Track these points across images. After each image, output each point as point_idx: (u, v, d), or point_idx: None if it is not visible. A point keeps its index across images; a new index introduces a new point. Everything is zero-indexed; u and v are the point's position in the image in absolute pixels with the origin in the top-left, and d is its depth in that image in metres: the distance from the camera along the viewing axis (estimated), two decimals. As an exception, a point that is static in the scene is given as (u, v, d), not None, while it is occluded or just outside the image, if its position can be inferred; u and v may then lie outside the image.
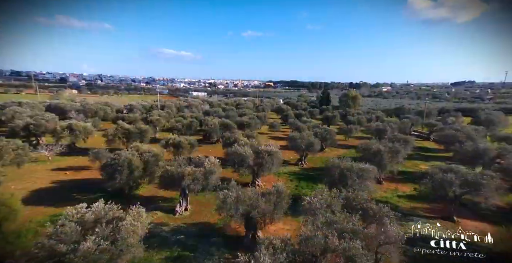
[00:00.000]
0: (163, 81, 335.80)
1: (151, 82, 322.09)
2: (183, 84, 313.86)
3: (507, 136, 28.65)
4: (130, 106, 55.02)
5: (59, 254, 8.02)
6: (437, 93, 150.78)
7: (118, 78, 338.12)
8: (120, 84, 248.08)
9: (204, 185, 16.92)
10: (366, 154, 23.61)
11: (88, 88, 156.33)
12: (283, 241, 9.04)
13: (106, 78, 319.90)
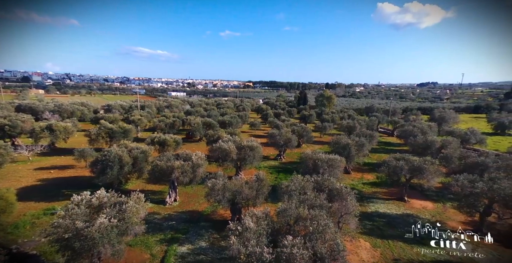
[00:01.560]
0: (138, 81, 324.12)
1: (126, 82, 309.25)
2: (160, 84, 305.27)
3: (452, 131, 33.66)
4: (108, 107, 54.02)
5: (76, 229, 9.37)
6: (403, 93, 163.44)
7: (88, 77, 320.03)
8: (92, 84, 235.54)
9: (192, 177, 18.58)
10: (337, 148, 26.58)
11: (56, 88, 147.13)
12: (264, 213, 11.14)
13: (75, 78, 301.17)
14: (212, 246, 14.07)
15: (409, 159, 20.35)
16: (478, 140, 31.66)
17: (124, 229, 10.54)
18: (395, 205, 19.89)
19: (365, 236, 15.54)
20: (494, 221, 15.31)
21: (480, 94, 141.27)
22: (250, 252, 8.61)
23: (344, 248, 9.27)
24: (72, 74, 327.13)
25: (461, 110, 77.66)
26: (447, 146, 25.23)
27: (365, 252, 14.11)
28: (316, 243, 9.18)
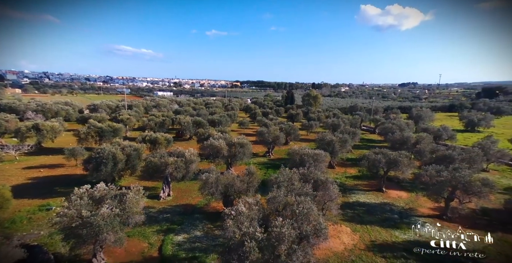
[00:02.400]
0: (122, 80, 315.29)
1: (109, 81, 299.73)
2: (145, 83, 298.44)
3: (426, 128, 36.47)
4: (94, 106, 53.09)
5: (82, 218, 10.09)
6: (386, 93, 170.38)
7: (69, 76, 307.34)
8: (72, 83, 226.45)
9: (185, 173, 19.41)
10: (322, 144, 28.23)
11: (34, 87, 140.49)
12: (255, 200, 12.28)
13: (54, 77, 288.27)
14: (207, 235, 15.06)
15: (386, 153, 22.26)
16: (449, 136, 34.53)
17: (126, 218, 11.36)
18: (374, 195, 21.70)
19: (347, 223, 17.10)
20: (456, 205, 17.35)
21: (455, 94, 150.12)
22: (244, 232, 9.73)
23: (326, 227, 10.60)
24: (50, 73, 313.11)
25: (438, 109, 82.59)
26: (421, 141, 27.55)
27: (346, 236, 15.64)
28: (302, 224, 10.45)
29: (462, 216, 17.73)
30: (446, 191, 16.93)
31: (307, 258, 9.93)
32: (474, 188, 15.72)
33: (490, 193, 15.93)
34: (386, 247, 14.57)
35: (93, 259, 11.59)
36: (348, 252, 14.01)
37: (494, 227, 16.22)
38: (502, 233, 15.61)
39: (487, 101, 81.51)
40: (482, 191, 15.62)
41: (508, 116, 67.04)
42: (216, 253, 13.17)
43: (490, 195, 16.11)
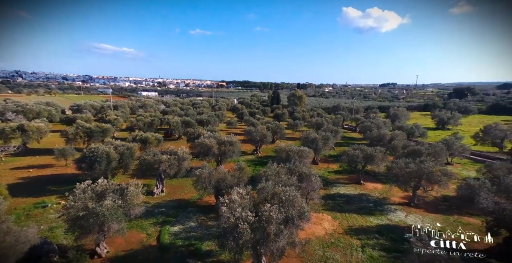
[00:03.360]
0: (103, 80, 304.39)
1: (89, 80, 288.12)
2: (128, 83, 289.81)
3: (401, 126, 39.68)
4: (78, 107, 51.97)
5: (88, 209, 11.00)
6: (367, 93, 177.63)
7: (44, 75, 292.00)
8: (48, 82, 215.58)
9: (177, 170, 20.43)
10: (306, 142, 30.15)
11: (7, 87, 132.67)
12: (246, 191, 13.67)
13: (27, 76, 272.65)
14: (201, 225, 16.28)
15: (364, 149, 24.47)
16: (421, 133, 37.81)
17: (128, 209, 12.36)
18: (353, 187, 23.82)
19: (328, 211, 18.94)
20: (421, 194, 19.76)
21: (430, 94, 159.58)
22: (238, 216, 11.10)
23: (309, 210, 12.23)
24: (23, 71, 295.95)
25: (414, 109, 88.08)
26: (395, 138, 30.21)
27: (327, 222, 17.45)
28: (288, 208, 11.99)
29: (426, 203, 20.25)
30: (413, 181, 19.24)
31: (292, 237, 11.51)
32: (435, 177, 18.08)
33: (448, 181, 18.36)
34: (361, 230, 16.52)
35: (96, 248, 12.48)
36: (329, 236, 15.80)
37: (452, 211, 18.75)
38: (457, 215, 18.13)
39: (457, 101, 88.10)
40: (442, 179, 18.01)
41: (474, 115, 72.97)
42: (211, 240, 14.46)
43: (448, 183, 18.56)
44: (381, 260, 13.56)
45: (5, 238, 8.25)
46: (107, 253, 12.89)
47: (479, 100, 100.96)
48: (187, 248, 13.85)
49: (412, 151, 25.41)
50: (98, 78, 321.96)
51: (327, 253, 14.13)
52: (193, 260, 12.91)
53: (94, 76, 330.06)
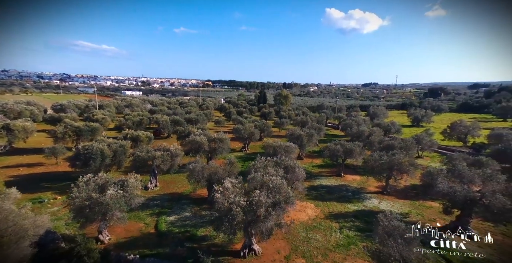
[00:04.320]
0: (82, 79, 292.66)
1: (67, 79, 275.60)
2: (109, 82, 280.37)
3: (379, 123, 42.76)
4: (61, 106, 50.83)
5: (92, 198, 12.01)
6: (350, 93, 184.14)
7: (16, 73, 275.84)
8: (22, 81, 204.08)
9: (170, 165, 21.51)
10: (292, 138, 32.05)
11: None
12: (237, 180, 15.14)
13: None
14: (195, 215, 17.57)
15: (344, 144, 26.69)
16: (396, 130, 40.98)
17: (129, 199, 13.45)
18: (334, 179, 25.94)
19: (311, 200, 20.84)
20: (393, 183, 22.18)
21: (408, 94, 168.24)
22: (231, 201, 12.57)
23: (293, 196, 13.93)
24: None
25: (392, 107, 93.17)
26: (372, 134, 32.84)
27: (310, 210, 19.31)
28: (275, 194, 13.61)
29: (397, 191, 22.72)
30: (385, 171, 21.58)
31: (279, 219, 13.15)
32: (404, 168, 20.50)
33: (415, 171, 20.86)
34: (340, 215, 18.52)
35: (99, 235, 13.47)
36: (311, 221, 17.65)
37: (418, 197, 21.26)
38: (422, 200, 20.65)
39: (431, 100, 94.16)
40: (409, 169, 20.47)
41: (446, 113, 78.66)
42: (205, 227, 15.83)
43: (415, 172, 21.07)
44: (356, 238, 15.56)
45: (24, 222, 9.17)
46: (109, 240, 13.91)
47: (451, 99, 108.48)
48: (184, 234, 15.14)
49: (387, 145, 27.99)
50: (77, 76, 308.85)
51: (309, 234, 15.94)
52: (190, 244, 14.22)
53: (73, 75, 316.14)
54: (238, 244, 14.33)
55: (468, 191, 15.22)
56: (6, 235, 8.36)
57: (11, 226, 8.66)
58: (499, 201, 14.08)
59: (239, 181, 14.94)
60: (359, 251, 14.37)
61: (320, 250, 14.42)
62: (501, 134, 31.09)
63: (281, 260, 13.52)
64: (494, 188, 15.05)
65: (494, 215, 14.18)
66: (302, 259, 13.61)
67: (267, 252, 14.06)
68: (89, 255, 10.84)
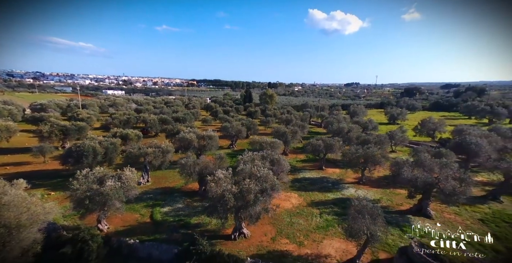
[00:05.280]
0: (58, 77, 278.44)
1: (40, 78, 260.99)
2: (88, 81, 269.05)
3: (358, 120, 45.86)
4: (41, 106, 49.32)
5: (93, 190, 12.95)
6: (333, 92, 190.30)
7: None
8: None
9: (162, 161, 22.48)
10: (277, 135, 33.86)
11: None
12: (228, 172, 16.57)
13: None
14: (188, 206, 18.80)
15: (325, 139, 28.88)
16: (373, 127, 44.13)
17: (126, 190, 14.48)
18: (316, 172, 28.03)
19: (295, 191, 22.70)
20: (367, 174, 24.61)
21: (387, 93, 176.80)
22: (224, 189, 14.01)
23: (279, 183, 15.60)
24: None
25: (372, 106, 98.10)
26: (351, 131, 35.46)
27: (294, 199, 21.15)
28: (262, 182, 15.21)
29: (371, 181, 25.18)
30: (360, 163, 23.91)
31: (266, 204, 14.78)
32: (376, 159, 22.92)
33: (386, 162, 23.35)
34: (320, 203, 20.51)
35: (98, 225, 14.38)
36: (295, 208, 19.47)
37: (389, 186, 23.77)
38: (392, 188, 23.18)
39: (407, 99, 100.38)
40: (381, 161, 22.92)
41: (420, 111, 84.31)
42: (198, 216, 17.13)
43: (387, 164, 23.55)
44: (333, 221, 17.55)
45: (36, 208, 10.01)
46: (108, 229, 14.85)
47: (425, 98, 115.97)
48: (178, 223, 16.36)
49: (363, 140, 30.56)
50: (52, 75, 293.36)
51: (293, 219, 17.74)
52: (185, 230, 15.49)
53: (47, 73, 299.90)
54: (229, 229, 15.80)
55: (427, 177, 17.70)
56: (20, 220, 9.23)
57: (25, 211, 9.53)
58: (451, 185, 16.64)
59: (229, 173, 16.40)
60: (336, 231, 16.36)
61: (302, 232, 16.24)
62: (462, 129, 34.83)
63: (268, 241, 15.17)
64: (447, 174, 17.62)
65: (447, 197, 16.70)
66: (286, 240, 15.35)
67: (255, 234, 15.66)
68: (93, 239, 11.85)
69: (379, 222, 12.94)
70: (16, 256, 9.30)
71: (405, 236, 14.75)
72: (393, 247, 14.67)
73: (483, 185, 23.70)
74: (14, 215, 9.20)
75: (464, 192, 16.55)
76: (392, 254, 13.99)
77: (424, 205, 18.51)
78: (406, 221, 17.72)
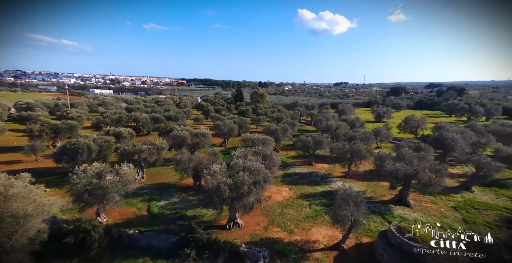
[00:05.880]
0: (41, 76, 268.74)
1: (22, 76, 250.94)
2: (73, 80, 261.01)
3: (345, 118, 47.69)
4: (27, 105, 48.22)
5: (92, 184, 13.51)
6: (322, 91, 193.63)
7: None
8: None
9: (157, 158, 23.03)
10: (268, 132, 34.89)
11: None
12: (223, 166, 17.43)
13: None
14: (183, 200, 19.53)
15: (314, 136, 30.19)
16: (360, 124, 46.02)
17: (124, 184, 15.07)
18: (306, 168, 29.29)
19: (286, 185, 23.82)
20: (354, 168, 26.08)
21: (374, 93, 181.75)
22: (220, 181, 14.88)
23: (270, 176, 16.61)
24: None
25: (360, 105, 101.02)
26: (339, 128, 37.03)
27: (285, 192, 22.26)
28: (255, 175, 16.17)
29: (358, 175, 26.68)
30: (347, 158, 25.34)
31: (259, 195, 15.76)
32: (362, 154, 24.38)
33: (371, 156, 24.86)
34: (310, 195, 21.72)
35: (97, 217, 14.92)
36: (286, 200, 20.58)
37: (373, 179, 25.30)
38: (376, 181, 24.72)
39: (393, 98, 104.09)
40: (366, 155, 24.40)
41: (405, 110, 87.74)
42: (193, 209, 17.90)
43: (371, 158, 25.06)
44: (321, 211, 18.77)
45: (42, 199, 10.52)
46: (107, 221, 15.40)
47: (409, 97, 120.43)
48: (174, 215, 17.09)
49: (350, 137, 32.11)
50: (34, 73, 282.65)
51: (284, 210, 18.83)
52: (181, 222, 16.25)
53: (29, 72, 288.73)
54: (224, 220, 16.69)
55: (407, 169, 19.21)
56: (27, 210, 9.75)
57: (31, 202, 10.05)
58: (427, 175, 18.21)
59: (224, 166, 17.28)
60: (323, 220, 17.57)
61: (293, 221, 17.35)
62: (442, 126, 37.10)
63: (261, 229, 16.18)
64: (425, 166, 19.21)
65: (424, 187, 18.26)
66: (277, 228, 16.41)
67: (248, 224, 16.63)
68: (95, 230, 12.46)
69: (362, 209, 14.19)
70: (24, 244, 9.83)
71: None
72: (375, 232, 16.02)
73: (458, 177, 25.67)
74: (21, 205, 9.72)
75: (439, 182, 18.16)
76: (374, 239, 15.32)
77: (404, 195, 20.06)
78: (388, 209, 19.20)
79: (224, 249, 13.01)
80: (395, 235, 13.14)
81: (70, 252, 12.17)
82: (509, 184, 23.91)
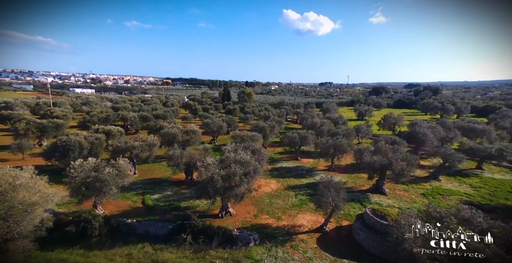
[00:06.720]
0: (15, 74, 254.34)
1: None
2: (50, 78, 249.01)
3: (329, 116, 50.12)
4: (6, 104, 46.43)
5: (91, 176, 14.19)
6: (308, 91, 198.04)
7: None
8: None
9: (149, 154, 23.70)
10: (256, 130, 36.24)
11: None
12: (215, 159, 18.54)
13: None
14: (176, 193, 20.44)
15: (300, 132, 31.91)
16: (343, 122, 48.53)
17: (122, 177, 15.83)
18: (292, 162, 30.95)
19: (274, 178, 25.28)
20: (336, 162, 28.05)
21: (357, 92, 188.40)
22: (213, 172, 16.01)
23: (260, 167, 17.95)
24: None
25: (343, 104, 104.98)
26: (323, 125, 39.11)
27: (273, 184, 23.72)
28: (246, 167, 17.45)
29: (340, 168, 28.68)
30: (330, 153, 27.23)
31: (249, 185, 17.06)
32: (343, 148, 26.35)
33: (351, 150, 26.90)
34: (296, 187, 23.31)
35: (94, 210, 15.56)
36: (274, 191, 22.03)
37: (354, 171, 27.37)
38: (357, 173, 26.81)
39: (374, 97, 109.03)
40: (347, 149, 26.41)
41: (385, 108, 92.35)
42: (186, 200, 18.89)
43: (352, 152, 27.10)
44: (306, 200, 20.39)
45: (47, 190, 11.15)
46: (104, 213, 16.06)
47: (390, 97, 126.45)
48: (169, 206, 18.02)
49: (333, 133, 34.17)
50: (7, 71, 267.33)
51: (272, 200, 20.26)
52: (176, 212, 17.22)
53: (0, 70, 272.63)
54: (216, 210, 17.85)
55: (382, 160, 21.28)
56: (33, 199, 10.40)
57: (37, 192, 10.70)
58: (400, 165, 20.33)
59: (216, 160, 18.42)
60: (308, 207, 19.18)
61: (280, 209, 18.82)
62: (416, 123, 40.19)
63: (251, 217, 17.50)
64: (397, 157, 21.37)
65: (397, 176, 20.37)
66: (266, 215, 17.80)
67: (239, 213, 17.89)
68: (95, 219, 13.23)
69: (342, 194, 15.89)
70: (31, 230, 10.51)
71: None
72: (354, 217, 17.80)
73: (428, 168, 28.29)
74: (28, 194, 10.39)
75: (410, 171, 20.35)
76: (352, 222, 17.10)
77: (380, 184, 22.15)
78: (366, 197, 21.16)
79: (218, 233, 14.20)
80: (369, 216, 14.94)
81: (71, 240, 12.85)
82: (471, 173, 26.86)
